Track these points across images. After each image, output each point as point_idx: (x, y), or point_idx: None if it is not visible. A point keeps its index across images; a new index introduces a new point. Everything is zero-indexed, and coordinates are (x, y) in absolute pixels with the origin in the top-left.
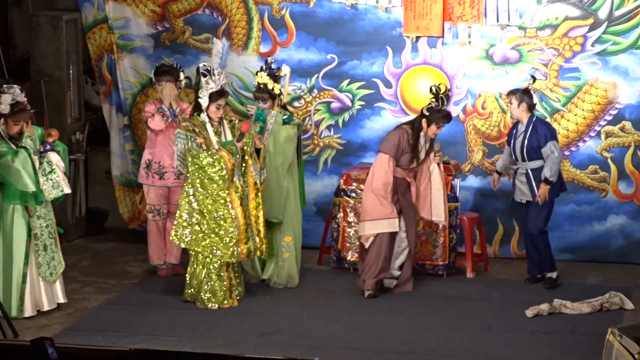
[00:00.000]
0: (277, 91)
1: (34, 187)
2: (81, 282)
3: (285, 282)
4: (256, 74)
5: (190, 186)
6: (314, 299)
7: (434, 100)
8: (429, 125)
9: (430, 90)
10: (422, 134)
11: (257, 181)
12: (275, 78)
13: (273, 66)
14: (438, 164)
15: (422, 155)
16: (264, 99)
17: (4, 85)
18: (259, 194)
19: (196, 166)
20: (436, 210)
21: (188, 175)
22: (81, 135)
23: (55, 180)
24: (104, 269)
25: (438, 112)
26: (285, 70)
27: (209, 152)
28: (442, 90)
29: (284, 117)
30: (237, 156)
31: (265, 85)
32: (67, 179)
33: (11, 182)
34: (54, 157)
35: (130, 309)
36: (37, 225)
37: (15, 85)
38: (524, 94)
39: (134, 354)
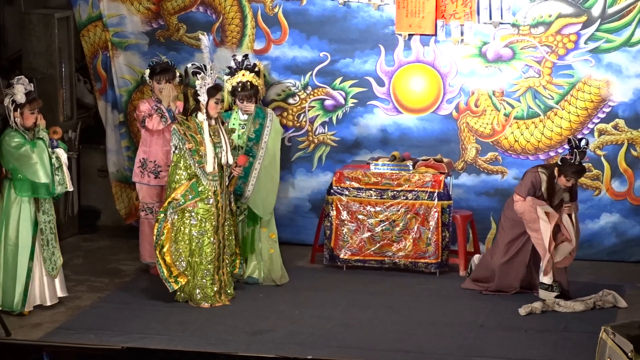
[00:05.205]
0: (261, 87)
1: (48, 179)
2: (73, 281)
3: (274, 278)
4: (230, 74)
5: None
6: (307, 297)
7: (569, 153)
8: (559, 175)
9: (569, 141)
10: (555, 181)
11: (233, 204)
12: (257, 73)
13: (246, 62)
14: (569, 215)
15: (555, 201)
16: (250, 96)
17: (15, 77)
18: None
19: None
20: (560, 254)
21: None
22: (73, 134)
23: (62, 177)
24: (97, 268)
25: (570, 165)
26: (260, 65)
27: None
28: (580, 145)
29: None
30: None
31: (251, 82)
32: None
33: (25, 173)
34: (62, 154)
35: (122, 308)
36: (43, 220)
37: (22, 75)
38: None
39: (126, 353)
